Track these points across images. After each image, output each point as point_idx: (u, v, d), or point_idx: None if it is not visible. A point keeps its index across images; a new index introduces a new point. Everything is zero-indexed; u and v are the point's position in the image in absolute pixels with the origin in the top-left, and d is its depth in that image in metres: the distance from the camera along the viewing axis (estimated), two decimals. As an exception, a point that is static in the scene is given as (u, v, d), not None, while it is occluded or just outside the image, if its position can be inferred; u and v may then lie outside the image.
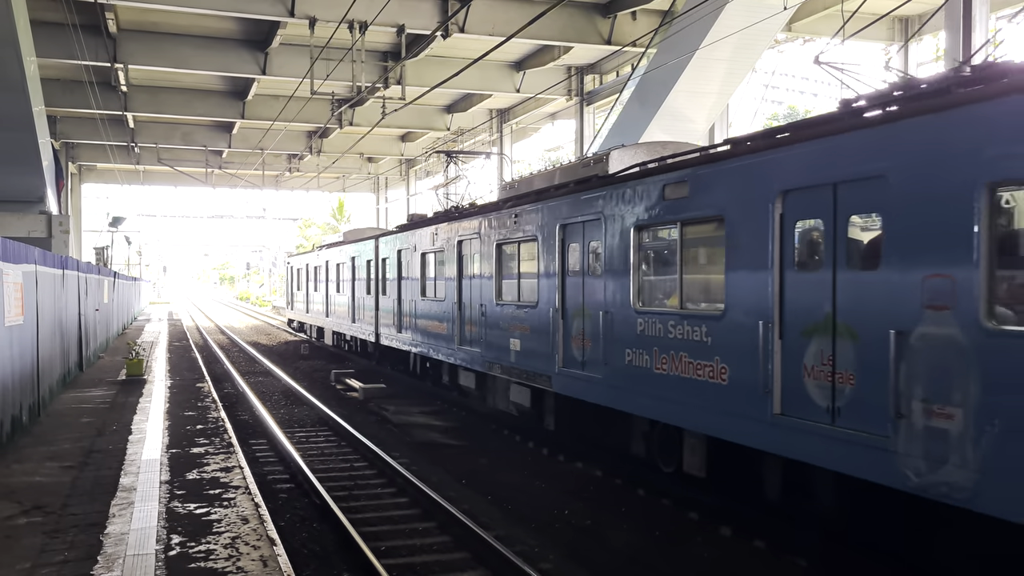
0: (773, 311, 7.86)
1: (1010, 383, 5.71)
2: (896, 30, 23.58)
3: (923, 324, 6.36)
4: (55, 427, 12.72)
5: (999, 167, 5.80)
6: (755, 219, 8.13)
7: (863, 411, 6.89)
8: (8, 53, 19.43)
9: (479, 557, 8.38)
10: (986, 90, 6.07)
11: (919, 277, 6.39)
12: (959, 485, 6.03)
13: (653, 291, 10.20)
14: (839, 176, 7.18)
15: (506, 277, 14.10)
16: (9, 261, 11.48)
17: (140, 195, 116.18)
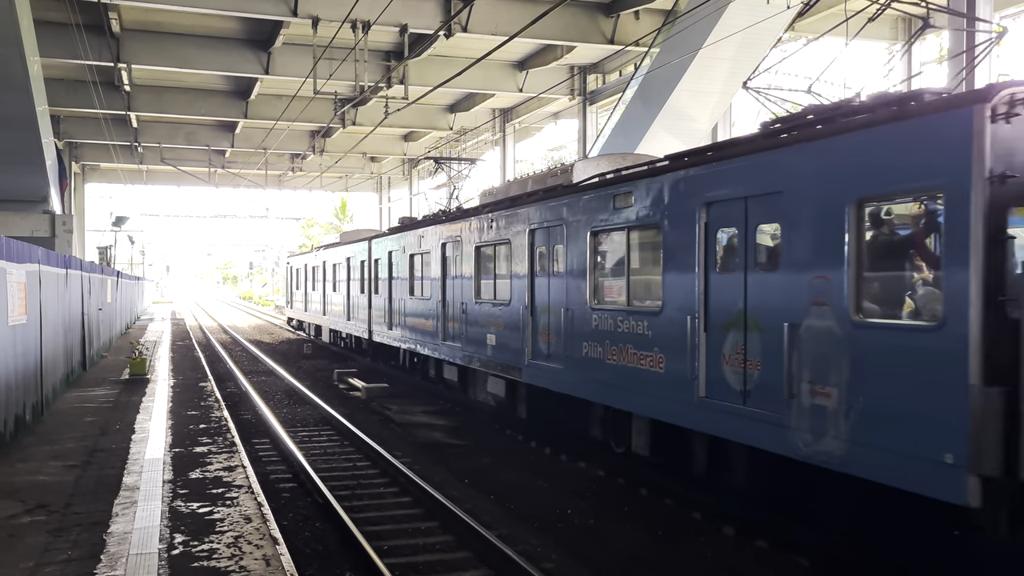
0: (699, 308, 9.04)
1: (872, 367, 6.91)
2: (899, 29, 23.55)
3: (809, 318, 7.55)
4: (58, 426, 12.74)
5: (866, 186, 7.00)
6: (685, 227, 9.32)
7: (766, 393, 8.07)
8: (12, 53, 19.46)
9: (482, 556, 8.38)
10: (858, 121, 7.29)
11: (807, 278, 7.58)
12: (835, 453, 7.23)
13: (606, 290, 11.29)
14: (749, 191, 8.36)
15: (484, 277, 15.14)
16: (13, 260, 11.50)
17: (143, 195, 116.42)
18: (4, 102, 21.29)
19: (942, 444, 6.28)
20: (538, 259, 12.98)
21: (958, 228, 6.21)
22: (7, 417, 11.06)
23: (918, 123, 6.65)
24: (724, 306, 8.70)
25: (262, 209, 59.95)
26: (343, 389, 20.91)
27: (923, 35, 23.22)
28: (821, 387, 7.39)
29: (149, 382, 18.10)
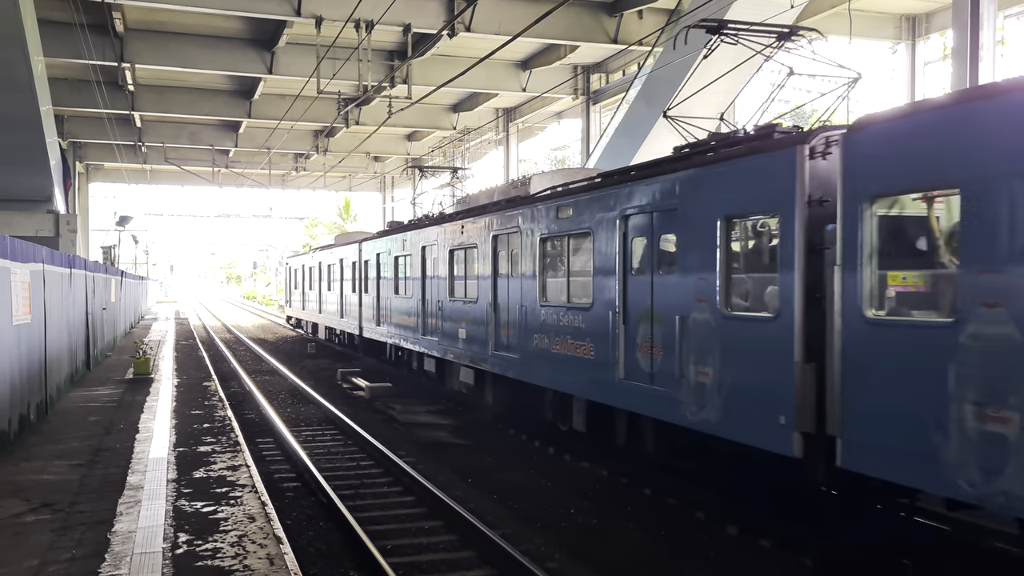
0: (619, 304, 10.71)
1: (735, 350, 8.60)
2: (903, 28, 23.51)
3: (694, 312, 9.22)
4: (63, 425, 12.77)
5: (730, 206, 8.74)
6: (609, 235, 10.93)
7: (666, 374, 9.76)
8: (16, 53, 19.50)
9: (485, 556, 8.39)
10: (724, 154, 9.03)
11: (693, 279, 9.22)
12: (712, 420, 8.94)
13: (551, 289, 12.92)
14: (655, 207, 10.03)
15: (457, 278, 16.68)
16: (17, 260, 11.52)
17: (147, 194, 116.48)
18: (8, 102, 21.34)
19: (778, 409, 7.95)
20: (500, 261, 14.53)
21: (787, 241, 7.89)
22: (12, 416, 11.09)
23: (760, 158, 8.31)
24: (637, 302, 10.42)
25: (266, 209, 59.97)
26: (347, 389, 20.92)
27: (927, 35, 23.26)
28: (701, 368, 9.12)
29: (153, 381, 18.13)
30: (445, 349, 17.13)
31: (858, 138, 7.18)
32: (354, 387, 20.82)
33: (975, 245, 6.12)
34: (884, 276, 7.15)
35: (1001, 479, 5.85)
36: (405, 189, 52.90)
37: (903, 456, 6.71)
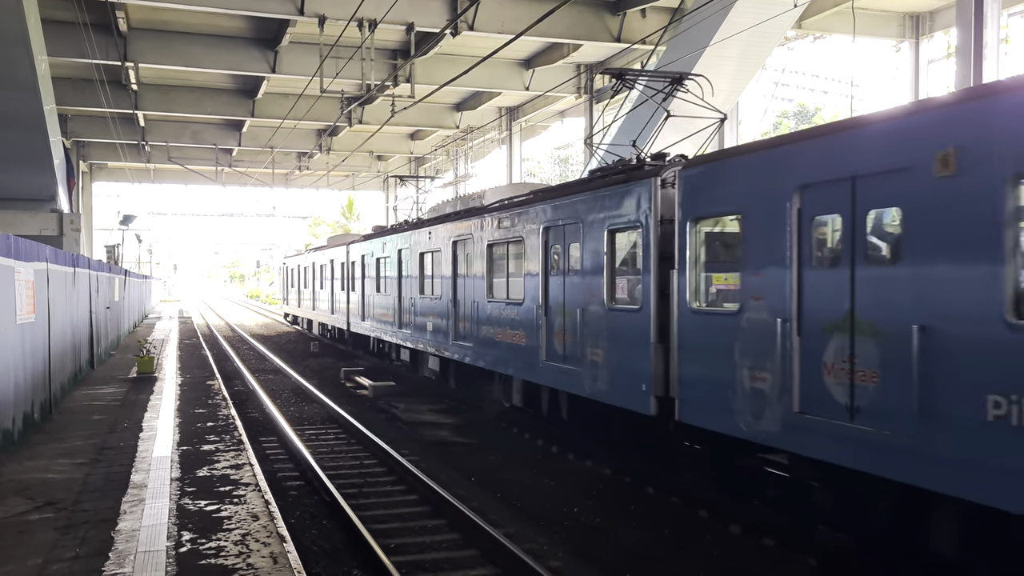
0: (541, 299, 12.87)
1: (616, 336, 10.86)
2: (907, 27, 23.47)
3: (590, 305, 11.44)
4: (67, 424, 12.79)
5: (613, 222, 10.99)
6: (535, 243, 13.08)
7: (574, 354, 11.84)
8: (20, 52, 19.52)
9: (488, 555, 8.39)
10: (607, 180, 11.31)
11: (590, 280, 11.46)
12: (602, 390, 11.14)
13: (496, 287, 14.96)
14: (566, 221, 12.21)
15: (426, 278, 18.81)
16: (21, 259, 11.54)
17: (150, 193, 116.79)
18: (12, 101, 21.36)
19: (642, 379, 10.20)
20: (459, 264, 16.66)
21: (646, 250, 10.22)
22: (16, 415, 11.11)
23: (630, 185, 10.65)
24: (554, 298, 12.59)
25: (269, 208, 60.13)
26: (350, 387, 20.94)
27: (930, 34, 23.23)
28: (595, 350, 11.33)
29: (157, 380, 18.15)
30: (416, 340, 19.38)
31: (688, 173, 9.57)
32: (357, 386, 20.83)
33: (747, 255, 8.58)
34: (708, 277, 9.64)
35: (762, 421, 8.25)
36: (407, 188, 52.93)
37: (712, 409, 9.09)
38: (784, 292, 7.95)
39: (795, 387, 7.80)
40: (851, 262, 7.29)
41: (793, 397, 7.81)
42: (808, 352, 7.71)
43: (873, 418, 6.95)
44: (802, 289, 7.82)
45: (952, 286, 6.31)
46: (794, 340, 7.84)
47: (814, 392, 7.61)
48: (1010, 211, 5.92)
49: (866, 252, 7.21)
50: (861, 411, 7.09)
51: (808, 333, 7.73)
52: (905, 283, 6.72)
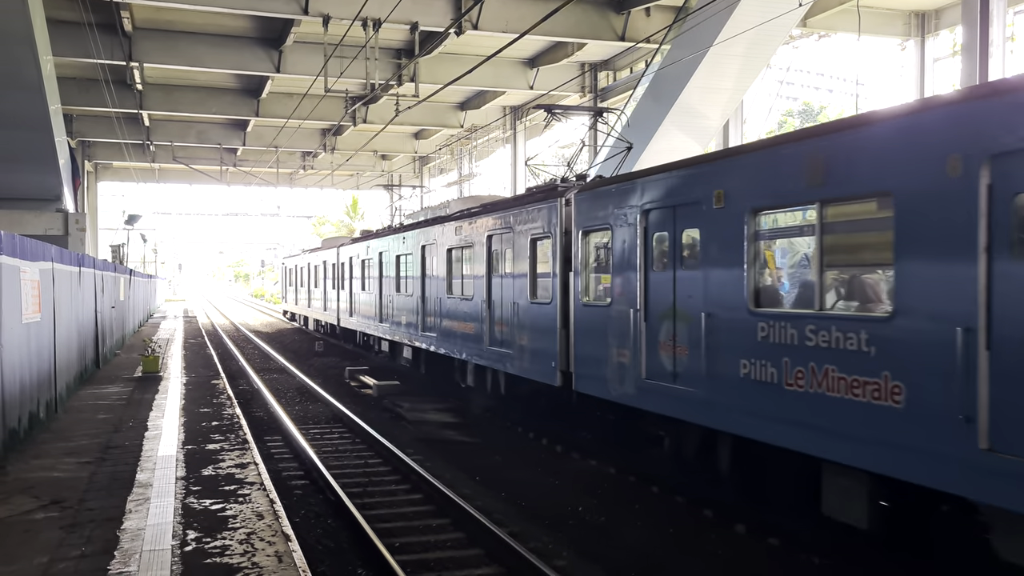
0: (485, 295, 15.29)
1: (534, 325, 13.26)
2: (912, 25, 23.41)
3: (521, 300, 13.82)
4: (72, 423, 12.82)
5: (535, 232, 13.34)
6: (480, 248, 15.60)
7: (508, 340, 14.29)
8: (25, 52, 19.55)
9: (493, 554, 8.39)
10: (531, 198, 13.95)
11: (522, 278, 13.82)
12: (526, 368, 13.59)
13: (454, 286, 17.14)
14: (501, 231, 14.73)
15: (401, 278, 21.07)
16: (26, 259, 11.56)
17: (155, 193, 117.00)
18: (17, 101, 21.39)
19: (551, 358, 12.65)
20: (426, 265, 18.96)
21: (554, 256, 12.74)
22: (22, 414, 11.14)
23: (544, 203, 13.13)
24: (495, 294, 14.95)
25: (273, 207, 60.08)
26: (355, 387, 20.96)
27: (936, 32, 23.17)
28: (521, 335, 13.75)
29: (162, 379, 18.18)
30: (393, 333, 21.90)
31: (580, 196, 12.14)
32: (362, 385, 20.85)
33: (614, 260, 11.06)
34: (597, 277, 11.83)
35: (625, 387, 10.73)
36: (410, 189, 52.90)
37: (596, 380, 11.50)
38: (635, 289, 10.55)
39: (643, 360, 10.35)
40: (673, 267, 9.86)
41: (641, 368, 10.36)
42: (651, 334, 10.27)
43: (686, 380, 9.49)
44: (647, 287, 10.39)
45: (720, 284, 8.93)
46: (641, 325, 10.40)
47: (658, 362, 10.11)
48: (750, 233, 8.47)
49: (682, 259, 9.76)
50: (679, 376, 9.63)
51: (651, 320, 10.28)
52: (699, 282, 9.32)
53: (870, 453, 7.02)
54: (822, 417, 7.49)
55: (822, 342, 7.52)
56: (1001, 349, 5.96)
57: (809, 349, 7.66)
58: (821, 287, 7.69)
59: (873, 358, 6.95)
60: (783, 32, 19.62)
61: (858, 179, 7.17)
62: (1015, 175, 5.91)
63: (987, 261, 6.03)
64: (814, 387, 7.61)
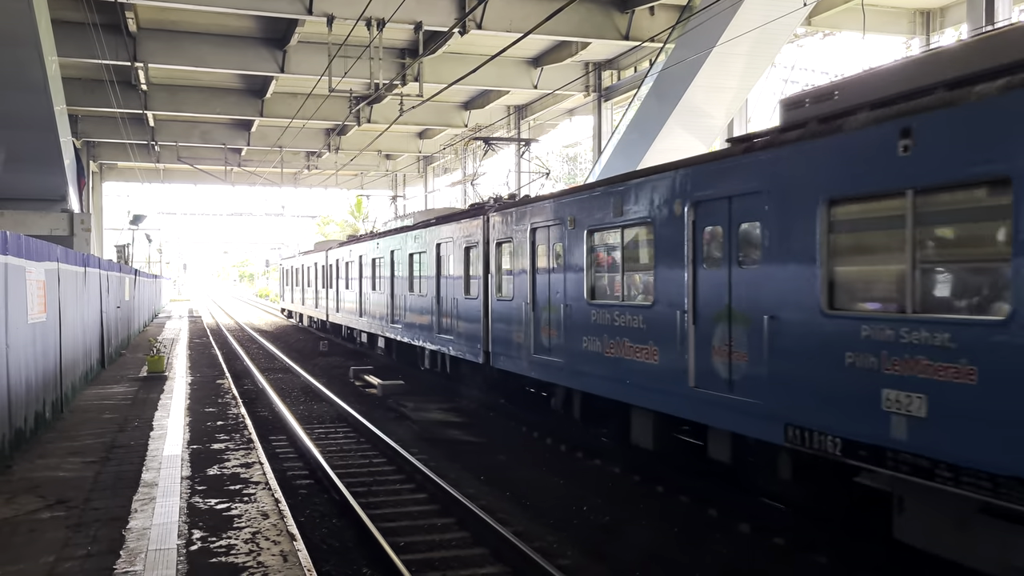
0: (435, 293, 18.17)
1: (468, 317, 16.19)
2: (917, 23, 23.35)
3: (458, 297, 16.71)
4: (78, 423, 12.85)
5: (468, 242, 16.23)
6: (431, 253, 18.54)
7: (451, 329, 17.21)
8: (30, 54, 19.60)
9: (498, 553, 8.40)
10: (465, 213, 17.32)
11: (457, 279, 16.74)
12: (462, 351, 16.50)
13: (414, 284, 20.13)
14: (443, 240, 17.73)
15: (376, 278, 24.15)
16: (32, 259, 11.59)
17: (160, 193, 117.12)
18: (23, 102, 21.45)
19: (478, 342, 15.63)
20: (396, 267, 21.83)
21: (483, 259, 15.52)
22: (27, 414, 11.17)
23: (476, 218, 15.93)
24: (442, 292, 17.93)
25: (278, 207, 60.14)
26: (359, 386, 20.97)
27: (941, 30, 23.11)
28: (459, 325, 16.75)
29: (167, 379, 18.21)
30: (370, 326, 25.09)
31: (494, 214, 15.21)
32: (366, 385, 20.86)
33: (513, 265, 14.22)
34: (505, 279, 14.68)
35: (522, 362, 13.75)
36: (416, 187, 52.97)
37: (505, 358, 14.59)
38: (525, 285, 13.66)
39: (532, 340, 13.42)
40: (549, 270, 13.00)
41: (531, 346, 13.43)
42: (537, 322, 13.28)
43: (556, 354, 12.66)
44: (535, 285, 13.44)
45: (573, 282, 12.17)
46: (531, 315, 13.48)
47: (540, 341, 13.17)
48: (588, 247, 11.68)
49: (556, 264, 12.79)
50: (553, 350, 12.78)
51: (537, 308, 13.36)
52: (562, 281, 12.52)
53: (648, 397, 10.29)
54: (627, 374, 10.63)
55: (624, 322, 10.61)
56: (700, 324, 9.17)
57: (617, 327, 10.88)
58: (623, 284, 11.04)
59: (645, 331, 10.19)
60: (788, 31, 19.59)
61: (634, 212, 10.52)
62: (704, 214, 9.16)
63: (692, 268, 9.38)
64: (620, 354, 10.78)
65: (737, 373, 8.58)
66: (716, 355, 8.93)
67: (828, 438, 7.34)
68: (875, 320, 6.93)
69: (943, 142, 6.33)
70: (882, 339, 6.80)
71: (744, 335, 8.46)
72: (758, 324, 8.20)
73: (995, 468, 5.94)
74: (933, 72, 6.82)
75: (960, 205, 6.45)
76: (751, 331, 8.34)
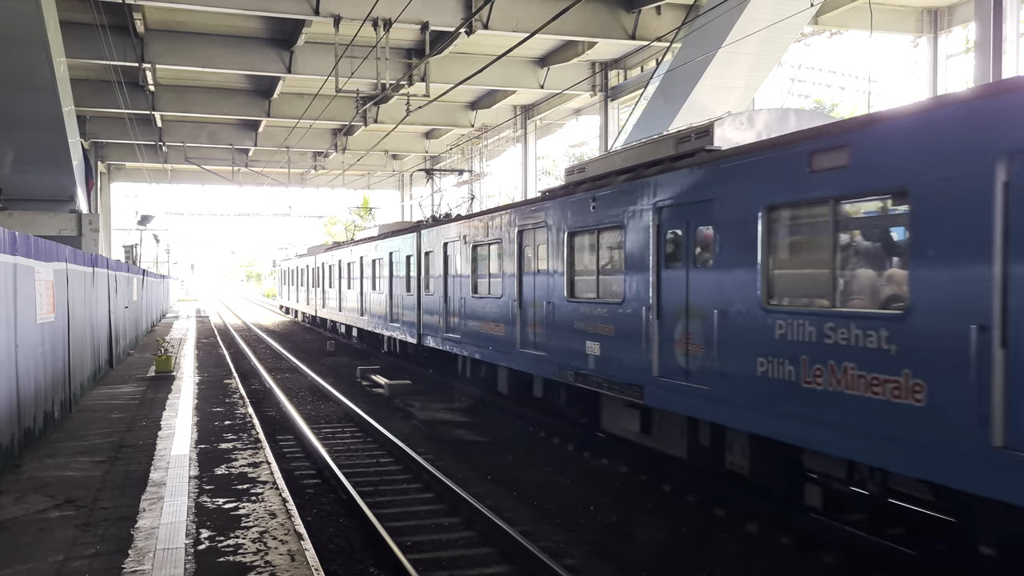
0: (387, 291, 22.90)
1: (410, 309, 20.69)
2: (925, 22, 23.28)
3: (404, 294, 21.29)
4: (86, 422, 12.90)
5: (411, 250, 20.64)
6: (386, 259, 23.08)
7: (399, 318, 21.74)
8: (39, 55, 19.69)
9: (504, 553, 8.40)
10: (406, 227, 22.95)
11: (402, 281, 21.43)
12: (406, 334, 21.11)
13: (377, 284, 24.19)
14: (395, 249, 22.30)
15: (351, 279, 28.12)
16: (40, 259, 11.64)
17: (168, 194, 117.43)
18: (31, 103, 21.54)
19: (415, 327, 19.92)
20: (363, 271, 25.99)
21: (416, 266, 20.05)
22: (36, 413, 11.22)
23: (411, 234, 20.52)
24: (394, 290, 21.89)
25: (285, 207, 60.20)
26: (366, 386, 21.01)
27: (949, 28, 23.04)
28: (404, 315, 20.99)
29: (175, 379, 18.27)
30: (347, 318, 29.87)
31: (422, 231, 19.36)
32: (373, 384, 20.89)
33: (431, 269, 18.74)
34: (432, 280, 18.58)
35: (439, 339, 18.26)
36: (424, 187, 52.97)
37: (431, 337, 18.70)
38: (440, 285, 18.00)
39: (446, 324, 17.55)
40: (445, 274, 17.70)
41: (445, 328, 17.63)
42: (447, 309, 17.37)
43: (459, 333, 16.84)
44: (446, 283, 17.65)
45: (462, 282, 16.81)
46: (443, 305, 17.66)
47: (450, 325, 17.32)
48: (473, 257, 16.25)
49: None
50: (455, 330, 17.02)
51: (449, 301, 17.51)
52: (464, 281, 16.72)
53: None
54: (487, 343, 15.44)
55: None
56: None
57: (480, 315, 15.70)
58: (489, 285, 15.42)
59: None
60: (795, 30, 19.54)
61: (494, 235, 15.02)
62: (527, 238, 13.78)
63: (518, 275, 13.99)
64: (485, 331, 15.48)
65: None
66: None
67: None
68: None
69: (607, 206, 11.07)
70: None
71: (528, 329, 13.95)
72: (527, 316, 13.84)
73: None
74: (622, 162, 11.37)
75: (612, 236, 11.12)
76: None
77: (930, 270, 6.32)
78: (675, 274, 9.64)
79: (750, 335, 8.23)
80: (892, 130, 6.77)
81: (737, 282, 8.44)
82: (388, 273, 22.76)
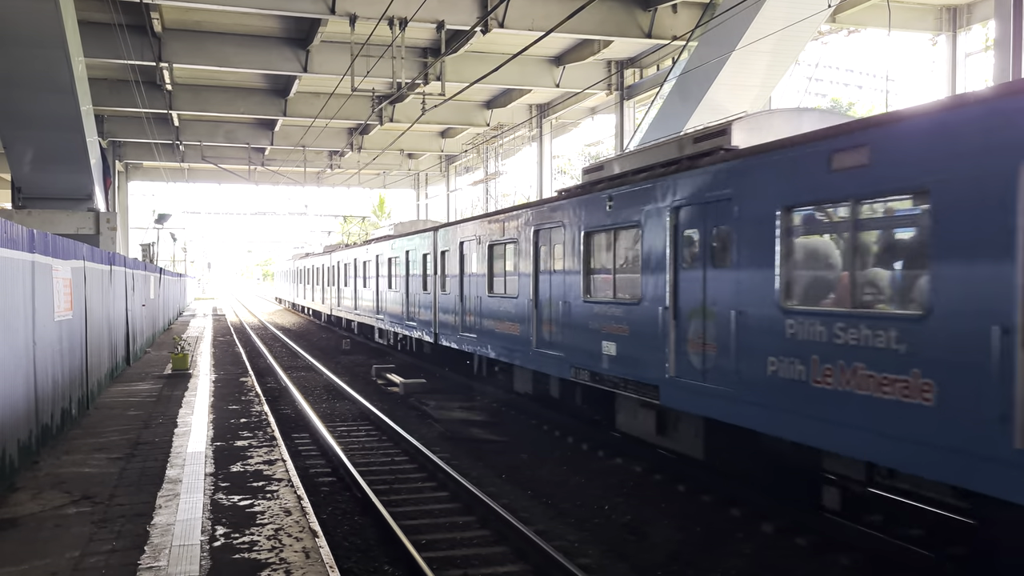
0: (404, 289, 22.97)
1: (426, 307, 20.96)
2: (944, 20, 23.08)
3: (418, 293, 21.72)
4: (103, 419, 12.98)
5: (425, 252, 21.13)
6: (403, 258, 23.05)
7: (415, 317, 22.01)
8: (57, 55, 19.82)
9: (519, 551, 8.38)
10: (425, 229, 21.97)
11: (418, 280, 21.68)
12: (423, 334, 21.13)
13: (393, 283, 24.57)
14: (410, 247, 22.36)
15: (368, 278, 28.77)
16: (59, 257, 11.72)
17: (185, 192, 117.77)
18: (50, 103, 21.70)
19: (431, 326, 20.17)
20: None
21: (433, 264, 20.28)
22: (54, 410, 11.29)
23: (427, 233, 20.85)
24: (411, 289, 22.25)
25: (301, 206, 60.46)
26: (381, 385, 21.04)
27: (968, 26, 22.83)
28: (420, 314, 21.38)
29: (191, 377, 18.36)
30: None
31: (438, 231, 19.80)
32: (388, 383, 20.92)
33: (446, 268, 18.99)
34: (448, 279, 18.68)
35: (455, 338, 18.35)
36: (439, 186, 53.03)
37: (446, 337, 18.86)
38: (456, 284, 18.09)
39: (462, 322, 17.77)
40: (471, 274, 17.41)
41: (460, 327, 17.76)
42: (464, 308, 17.68)
43: (474, 331, 17.15)
44: (462, 281, 17.86)
45: (477, 281, 17.20)
46: (459, 305, 17.79)
47: (466, 324, 17.56)
48: (490, 256, 16.25)
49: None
50: (469, 328, 17.42)
51: (465, 300, 17.60)
52: (479, 280, 16.99)
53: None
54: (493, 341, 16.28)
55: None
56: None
57: (494, 312, 15.95)
58: (505, 283, 15.65)
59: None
60: (812, 28, 19.40)
61: (509, 236, 15.23)
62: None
63: (535, 274, 14.20)
64: (499, 329, 15.88)
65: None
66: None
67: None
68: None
69: (624, 206, 11.09)
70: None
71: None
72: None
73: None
74: (639, 161, 11.51)
75: (629, 236, 11.24)
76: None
77: (952, 271, 6.22)
78: (692, 274, 9.56)
79: (767, 336, 8.16)
80: (913, 129, 6.69)
81: (755, 282, 8.37)
82: (404, 272, 22.80)
